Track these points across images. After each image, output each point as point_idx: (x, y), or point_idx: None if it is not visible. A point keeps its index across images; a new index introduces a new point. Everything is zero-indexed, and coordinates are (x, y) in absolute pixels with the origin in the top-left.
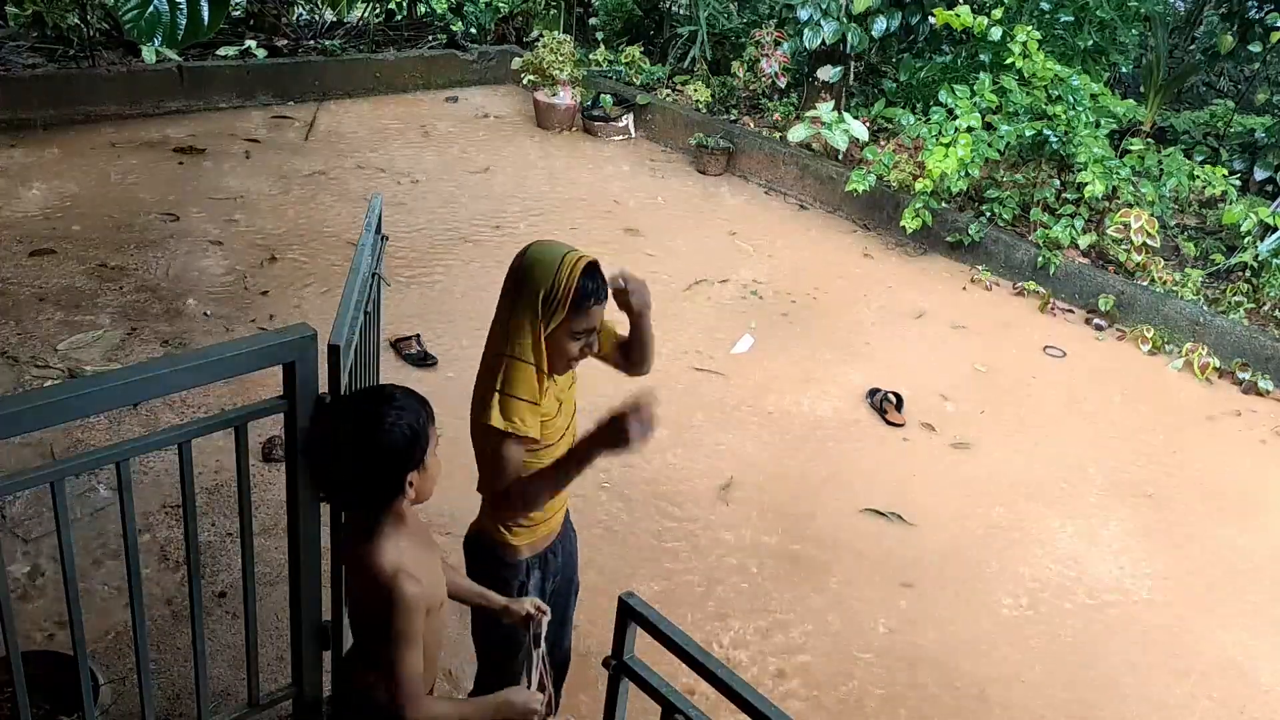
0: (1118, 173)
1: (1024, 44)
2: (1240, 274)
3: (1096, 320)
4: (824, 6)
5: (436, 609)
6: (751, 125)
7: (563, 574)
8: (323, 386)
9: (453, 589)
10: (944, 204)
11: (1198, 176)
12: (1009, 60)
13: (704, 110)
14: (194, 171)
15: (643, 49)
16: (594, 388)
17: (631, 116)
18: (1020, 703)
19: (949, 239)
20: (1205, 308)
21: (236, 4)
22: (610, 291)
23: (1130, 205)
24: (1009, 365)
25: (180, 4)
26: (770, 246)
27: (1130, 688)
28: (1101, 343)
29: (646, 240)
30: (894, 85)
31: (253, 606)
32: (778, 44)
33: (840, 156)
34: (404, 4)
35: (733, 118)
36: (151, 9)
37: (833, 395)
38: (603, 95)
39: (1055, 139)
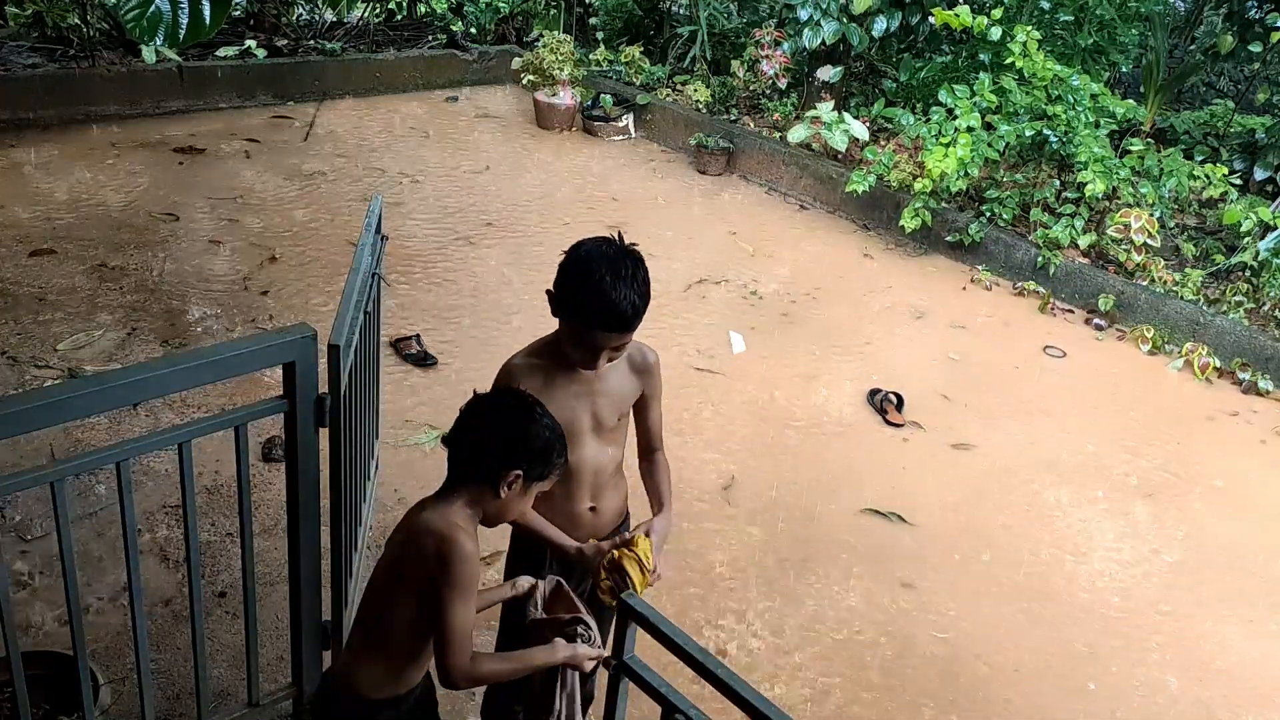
0: (1118, 173)
1: (1024, 44)
2: (1240, 274)
3: (1096, 320)
4: (824, 6)
5: None
6: (751, 125)
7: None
8: (322, 386)
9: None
10: (944, 204)
11: (1198, 176)
12: (1009, 60)
13: (704, 110)
14: (194, 171)
15: (643, 49)
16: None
17: (631, 116)
18: (1022, 698)
19: (949, 239)
20: (1205, 308)
21: (236, 4)
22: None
23: (1130, 205)
24: (1009, 365)
25: (181, 4)
26: (770, 246)
27: (1130, 683)
28: (1101, 343)
29: (646, 240)
30: (894, 85)
31: (253, 606)
32: (777, 44)
33: (840, 156)
34: (404, 4)
35: (733, 118)
36: (153, 9)
37: (833, 395)
38: (603, 95)
39: (1055, 139)
